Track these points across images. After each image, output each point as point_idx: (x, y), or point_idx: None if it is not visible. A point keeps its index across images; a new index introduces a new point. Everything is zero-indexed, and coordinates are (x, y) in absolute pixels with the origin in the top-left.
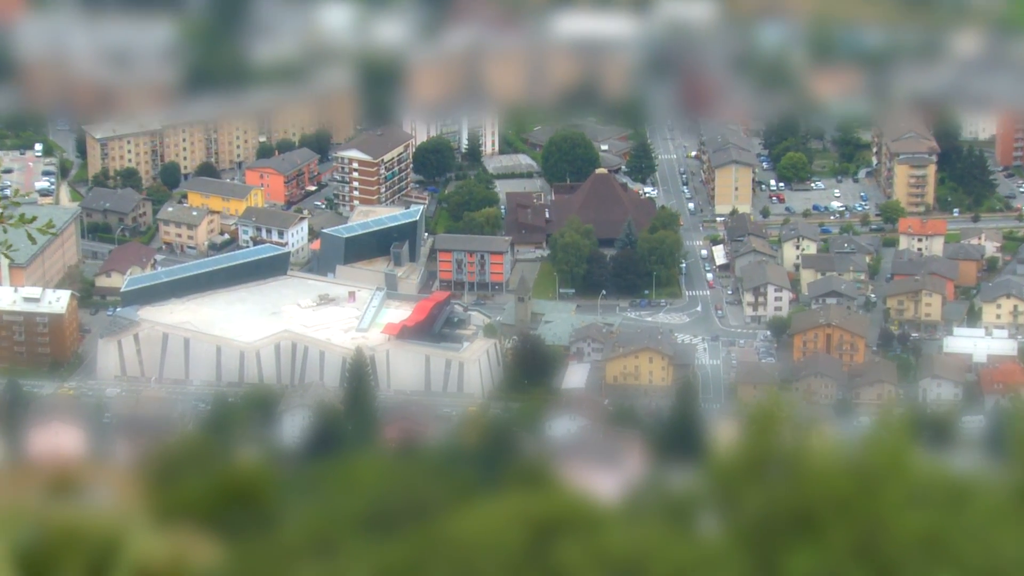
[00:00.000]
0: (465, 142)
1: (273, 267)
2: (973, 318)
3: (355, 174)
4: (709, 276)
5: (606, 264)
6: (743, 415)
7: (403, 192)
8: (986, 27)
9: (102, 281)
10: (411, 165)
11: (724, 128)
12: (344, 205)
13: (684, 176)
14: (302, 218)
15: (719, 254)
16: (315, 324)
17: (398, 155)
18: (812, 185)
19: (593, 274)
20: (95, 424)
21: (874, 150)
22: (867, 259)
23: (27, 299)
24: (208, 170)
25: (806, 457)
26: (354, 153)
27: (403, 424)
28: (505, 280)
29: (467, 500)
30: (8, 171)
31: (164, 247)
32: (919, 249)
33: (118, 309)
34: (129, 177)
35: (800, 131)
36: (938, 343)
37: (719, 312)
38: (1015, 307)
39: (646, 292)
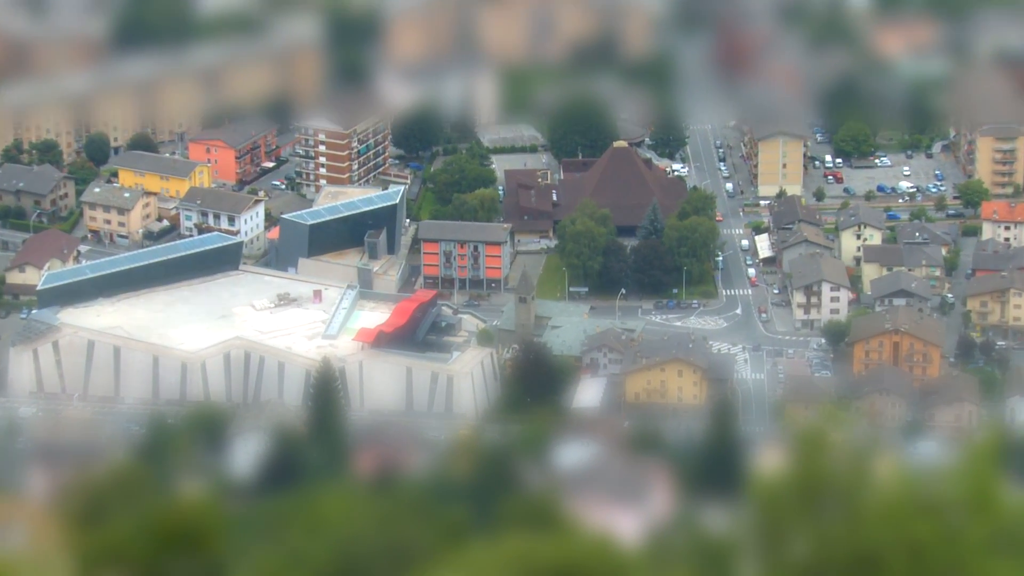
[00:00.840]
0: (455, 110)
1: (222, 260)
2: None
3: (322, 148)
4: (751, 272)
5: (626, 257)
6: (792, 440)
7: (380, 170)
8: None
9: (14, 277)
10: (389, 137)
11: (770, 92)
12: (308, 185)
13: (721, 151)
14: (257, 201)
15: (763, 245)
16: (273, 329)
17: (374, 125)
18: (876, 161)
19: (610, 269)
20: (6, 450)
21: (952, 119)
22: (943, 251)
23: None
24: (143, 143)
25: (869, 491)
26: (321, 123)
27: (379, 451)
28: (503, 276)
29: (458, 544)
30: None
31: (90, 236)
32: (1006, 239)
33: (34, 311)
34: (47, 151)
35: (862, 96)
36: None
37: (763, 315)
38: None
39: (674, 291)
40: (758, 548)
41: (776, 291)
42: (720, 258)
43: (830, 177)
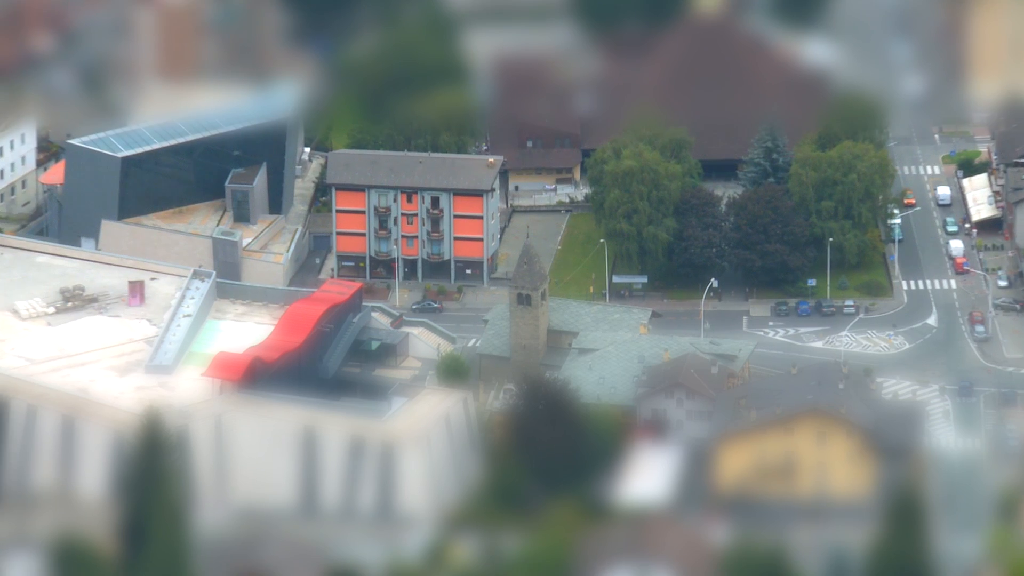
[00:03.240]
0: None
1: None
2: None
3: (146, 13)
4: (955, 247)
5: (719, 219)
6: None
7: (256, 52)
8: None
9: None
10: None
11: None
12: (120, 82)
13: (897, 19)
14: (23, 114)
15: (979, 196)
16: (53, 356)
17: None
18: None
19: (691, 242)
20: None
21: None
22: None
23: None
24: None
25: None
26: None
27: None
28: (488, 256)
29: None
30: None
31: None
32: None
33: None
34: None
35: None
36: None
37: (978, 329)
38: None
39: (810, 283)
40: None
41: (1003, 283)
42: (897, 221)
43: None
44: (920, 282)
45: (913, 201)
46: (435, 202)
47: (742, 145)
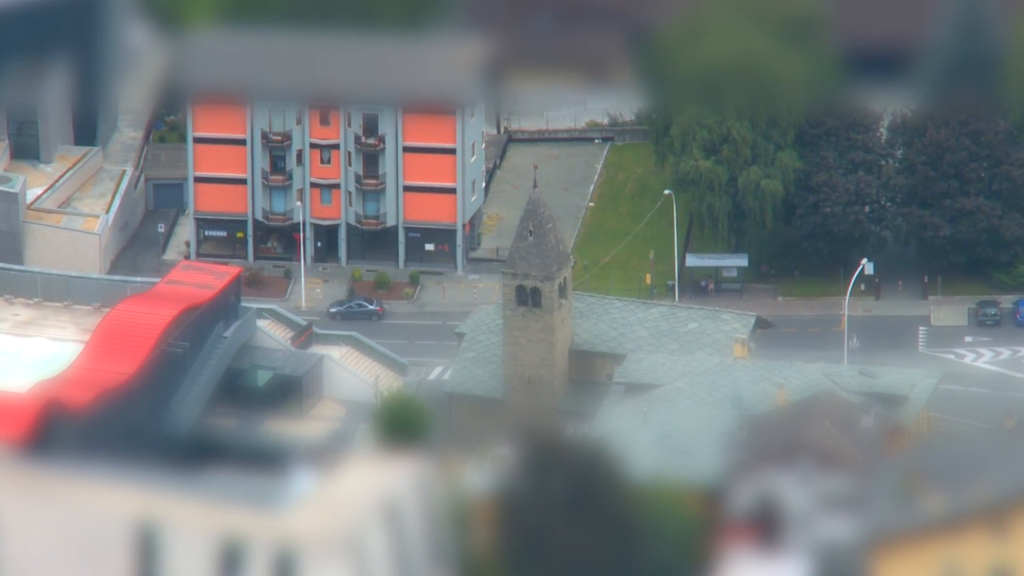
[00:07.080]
0: None
1: None
2: None
3: None
4: None
5: (875, 157)
6: None
7: None
8: None
9: None
10: None
11: None
12: None
13: None
14: None
15: None
16: None
17: None
18: None
19: (828, 194)
20: None
21: None
22: None
23: None
24: None
25: None
26: None
27: None
28: (466, 219)
29: None
30: None
31: None
32: None
33: None
34: None
35: None
36: None
37: None
38: None
39: None
40: None
41: None
42: None
43: None
44: None
45: None
46: (371, 124)
47: (916, 22)
